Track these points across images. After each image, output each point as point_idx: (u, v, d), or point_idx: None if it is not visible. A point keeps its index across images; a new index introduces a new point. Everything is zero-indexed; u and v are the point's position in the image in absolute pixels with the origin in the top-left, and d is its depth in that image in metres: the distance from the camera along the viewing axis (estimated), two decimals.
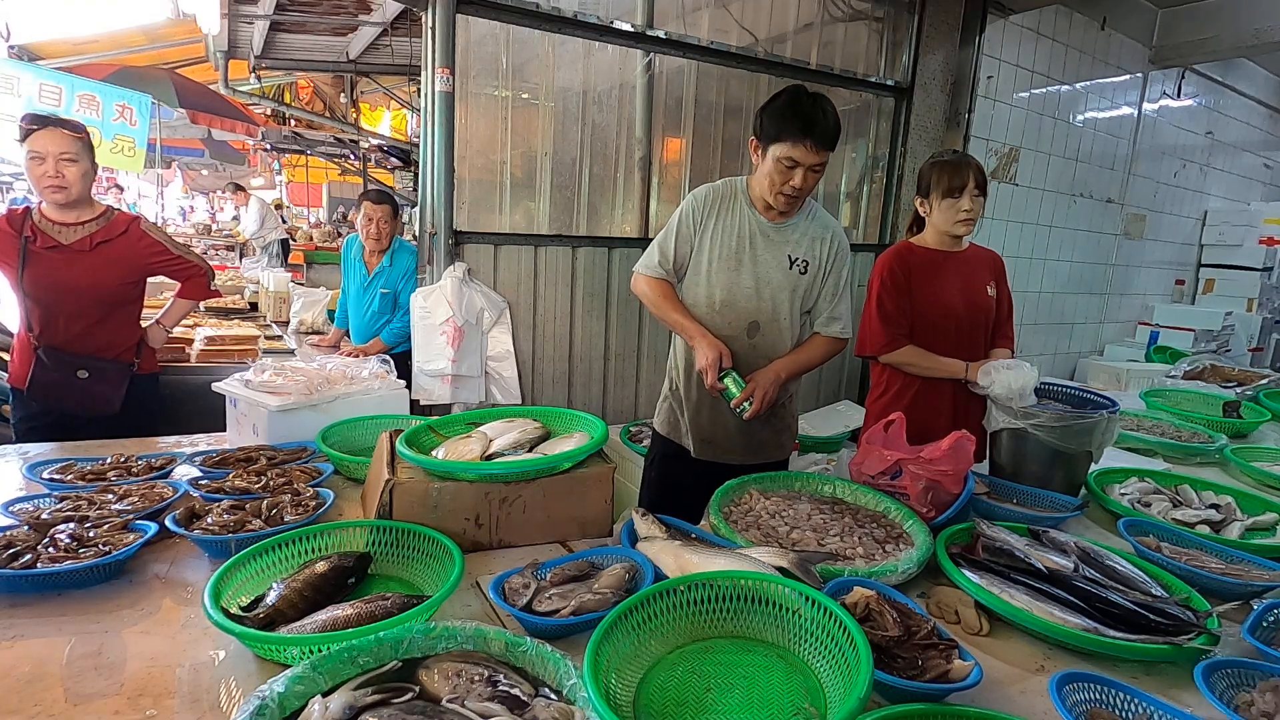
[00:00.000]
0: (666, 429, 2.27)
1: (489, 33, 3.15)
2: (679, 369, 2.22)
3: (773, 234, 2.08)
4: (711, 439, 2.17)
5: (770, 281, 2.08)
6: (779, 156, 1.93)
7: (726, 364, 1.96)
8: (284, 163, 13.95)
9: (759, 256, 2.07)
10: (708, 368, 1.96)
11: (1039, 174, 4.95)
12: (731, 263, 2.07)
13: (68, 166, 2.27)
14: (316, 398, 2.12)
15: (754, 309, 2.08)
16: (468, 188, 3.22)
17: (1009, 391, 2.00)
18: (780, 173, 1.94)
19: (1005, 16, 4.40)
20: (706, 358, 1.96)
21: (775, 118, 1.93)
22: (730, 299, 2.08)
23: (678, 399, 2.22)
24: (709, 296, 2.09)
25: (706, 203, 2.10)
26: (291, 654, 1.08)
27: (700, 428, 2.17)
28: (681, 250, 2.11)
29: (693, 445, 2.18)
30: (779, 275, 2.08)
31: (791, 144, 1.90)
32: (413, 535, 1.42)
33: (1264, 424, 2.96)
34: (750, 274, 2.07)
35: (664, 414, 2.28)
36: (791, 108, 1.92)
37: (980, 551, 1.52)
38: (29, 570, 1.27)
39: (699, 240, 2.09)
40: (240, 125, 7.03)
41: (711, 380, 1.95)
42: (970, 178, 2.25)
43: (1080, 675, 1.10)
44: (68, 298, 2.35)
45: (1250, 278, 6.23)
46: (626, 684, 1.08)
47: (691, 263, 2.12)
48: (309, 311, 4.70)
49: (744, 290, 2.07)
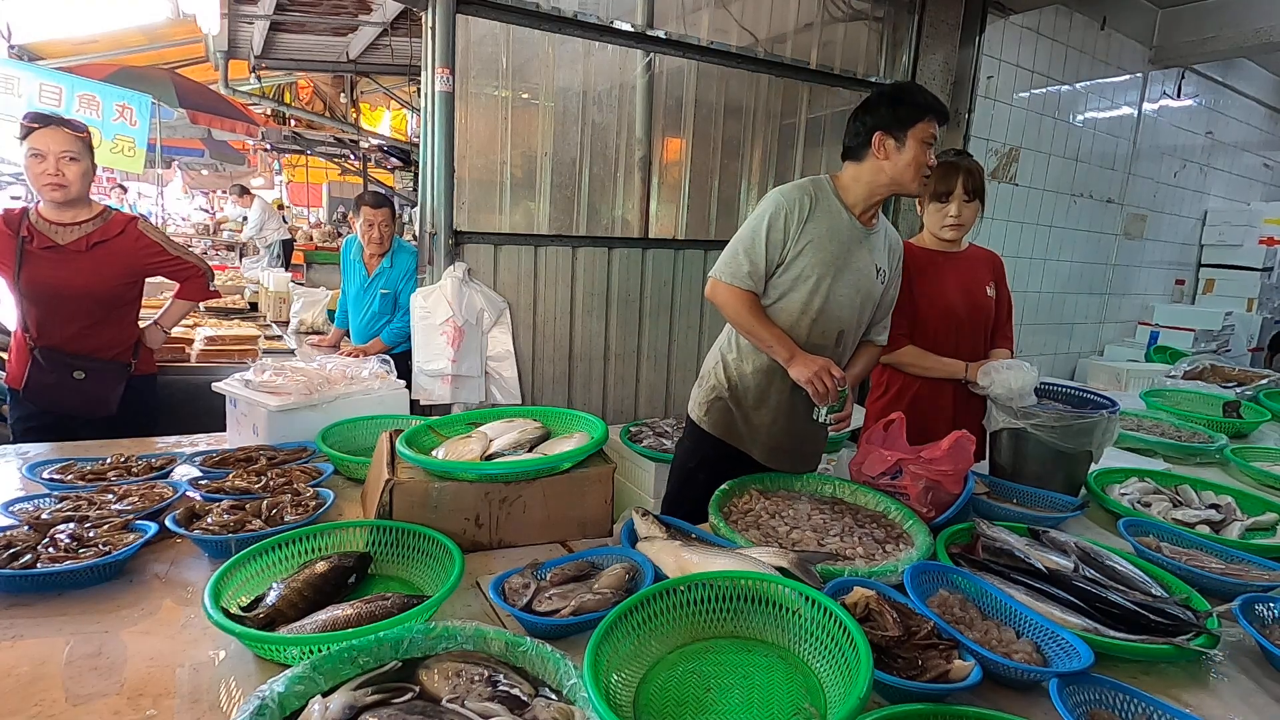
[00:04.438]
0: (721, 431, 2.12)
1: (489, 33, 3.15)
2: (744, 373, 2.07)
3: (865, 239, 1.99)
4: (781, 447, 2.07)
5: (862, 290, 1.99)
6: (923, 138, 1.87)
7: (838, 374, 1.86)
8: (284, 163, 13.97)
9: (857, 265, 1.97)
10: (821, 377, 1.84)
11: (1039, 174, 4.95)
12: (835, 269, 1.94)
13: (68, 165, 2.26)
14: (316, 398, 2.12)
15: (846, 318, 1.99)
16: (468, 188, 3.22)
17: (1009, 392, 2.00)
18: (925, 153, 1.89)
19: (1005, 16, 4.40)
20: (812, 369, 1.85)
21: (907, 104, 1.89)
22: (828, 307, 1.96)
23: (738, 403, 2.08)
24: (806, 304, 1.95)
25: (801, 206, 1.94)
26: (291, 654, 1.07)
27: (773, 435, 2.07)
28: (771, 258, 1.95)
29: (760, 453, 2.08)
30: (868, 284, 2.00)
31: (928, 121, 1.87)
32: (413, 535, 1.42)
33: (1264, 424, 2.96)
34: (850, 283, 1.96)
35: (717, 414, 2.11)
36: (912, 92, 1.93)
37: (980, 551, 1.52)
38: (29, 570, 1.27)
39: (797, 245, 1.94)
40: (240, 125, 7.02)
41: (830, 387, 1.84)
42: (959, 184, 2.22)
43: (1080, 675, 1.10)
44: (64, 298, 2.34)
45: (1250, 278, 6.24)
46: (626, 684, 1.08)
47: (788, 267, 1.96)
48: (309, 311, 4.70)
49: (843, 298, 1.97)
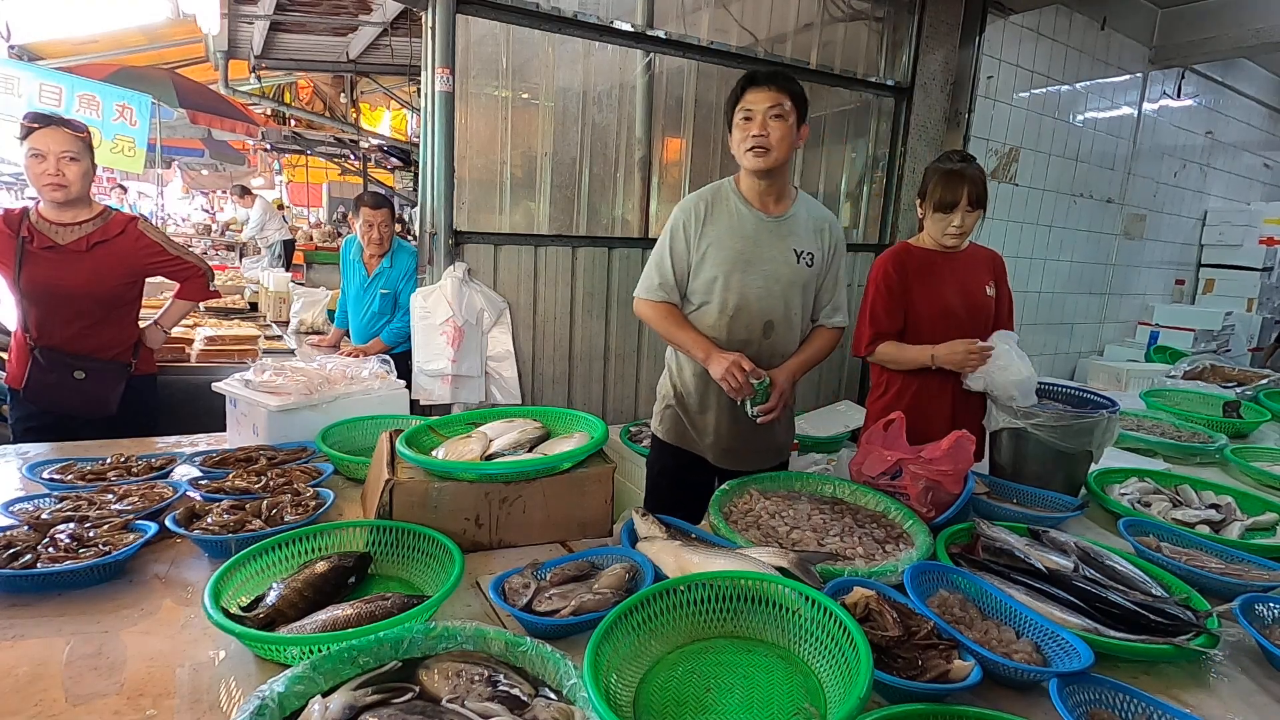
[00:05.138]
0: (675, 438, 2.19)
1: (489, 33, 3.15)
2: (685, 379, 2.15)
3: (775, 228, 2.04)
4: (732, 447, 2.11)
5: (780, 278, 2.03)
6: (741, 114, 1.97)
7: (748, 367, 1.89)
8: (284, 163, 13.97)
9: (766, 254, 2.02)
10: (731, 373, 1.88)
11: (1039, 174, 4.95)
12: (740, 265, 2.01)
13: (69, 165, 2.26)
14: (316, 398, 2.12)
15: (768, 309, 2.03)
16: (468, 188, 3.22)
17: (1005, 390, 2.00)
18: (744, 126, 1.96)
19: (1005, 16, 4.40)
20: (723, 365, 1.90)
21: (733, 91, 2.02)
22: (743, 302, 2.02)
23: (685, 408, 2.16)
24: (722, 302, 2.02)
25: (697, 212, 2.04)
26: (291, 654, 1.07)
27: (721, 437, 2.11)
28: (679, 268, 2.06)
29: (713, 454, 2.13)
30: (787, 271, 2.03)
31: (742, 96, 1.97)
32: (413, 535, 1.42)
33: (1264, 424, 2.96)
34: (763, 273, 2.01)
35: (669, 423, 2.19)
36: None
37: (980, 551, 1.52)
38: (29, 570, 1.27)
39: (700, 251, 2.03)
40: (240, 125, 7.02)
41: (742, 382, 1.87)
42: (964, 195, 2.22)
43: (1081, 675, 1.10)
44: (64, 298, 2.34)
45: (1250, 278, 6.24)
46: (626, 684, 1.08)
47: (697, 274, 2.05)
48: (309, 311, 4.70)
49: (756, 291, 2.02)
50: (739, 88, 1.97)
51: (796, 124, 1.96)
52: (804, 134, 2.01)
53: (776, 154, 1.94)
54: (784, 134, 1.92)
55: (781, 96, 1.91)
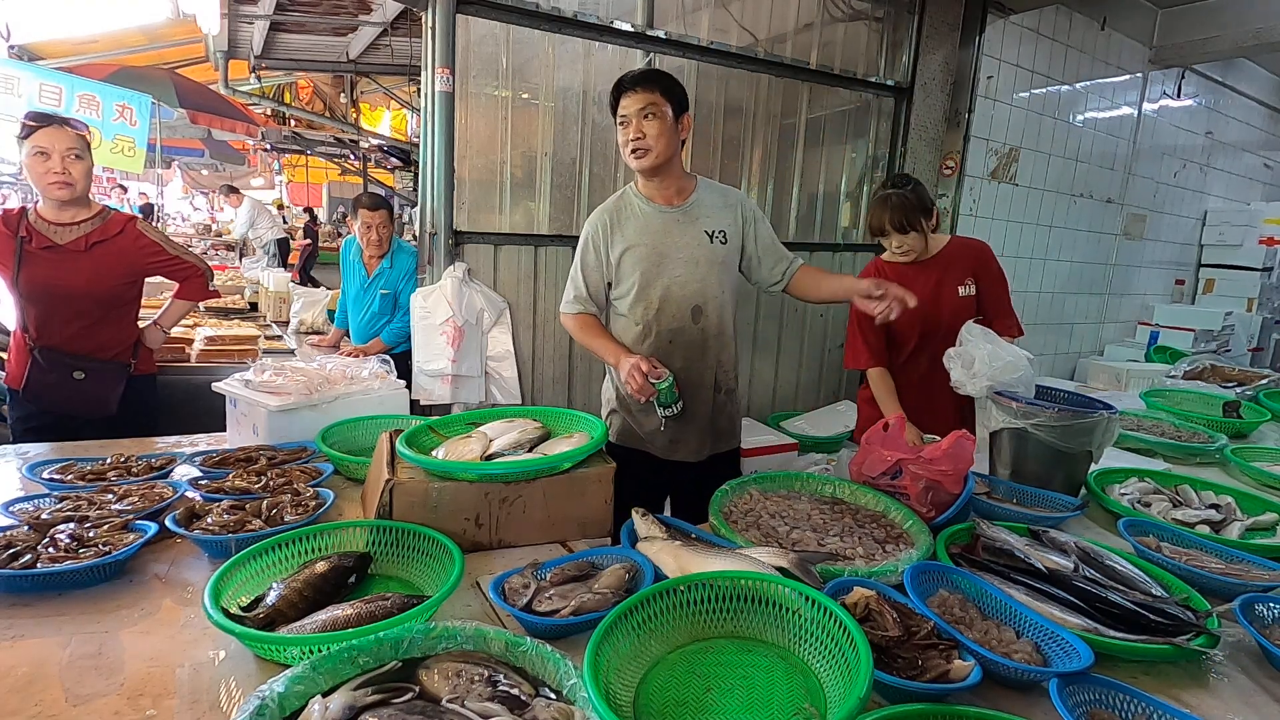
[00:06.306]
0: (624, 439, 2.24)
1: (489, 33, 3.15)
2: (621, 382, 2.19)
3: (681, 217, 2.10)
4: (678, 439, 2.18)
5: (699, 261, 2.09)
6: (622, 118, 2.02)
7: (646, 368, 1.93)
8: (284, 163, 13.98)
9: (679, 243, 2.09)
10: (631, 375, 1.94)
11: (1039, 174, 4.95)
12: (656, 260, 2.08)
13: (74, 163, 2.26)
14: (316, 398, 2.12)
15: (693, 293, 2.10)
16: (468, 188, 3.22)
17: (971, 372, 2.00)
18: (624, 131, 2.02)
19: (1005, 16, 4.40)
20: (625, 369, 1.97)
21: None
22: (668, 294, 2.09)
23: (628, 410, 2.23)
24: (647, 300, 2.10)
25: (604, 224, 2.12)
26: (291, 654, 1.07)
27: (665, 431, 2.16)
28: (593, 279, 2.15)
29: (661, 449, 2.20)
30: (705, 253, 2.10)
31: (621, 101, 2.02)
32: (413, 535, 1.42)
33: (1264, 424, 2.95)
34: (681, 260, 2.09)
35: (618, 425, 2.26)
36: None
37: (980, 551, 1.52)
38: (29, 570, 1.26)
39: (616, 259, 2.10)
40: (240, 125, 7.03)
41: (641, 383, 1.93)
42: (885, 222, 2.31)
43: (1081, 675, 1.10)
44: (63, 298, 2.34)
45: (1250, 278, 6.24)
46: (626, 684, 1.08)
47: (620, 280, 2.13)
48: (309, 311, 4.71)
49: (681, 277, 2.09)
50: (612, 97, 2.04)
51: (675, 116, 2.01)
52: (686, 123, 2.07)
53: (657, 151, 2.00)
54: (659, 131, 1.98)
55: (651, 95, 1.97)
